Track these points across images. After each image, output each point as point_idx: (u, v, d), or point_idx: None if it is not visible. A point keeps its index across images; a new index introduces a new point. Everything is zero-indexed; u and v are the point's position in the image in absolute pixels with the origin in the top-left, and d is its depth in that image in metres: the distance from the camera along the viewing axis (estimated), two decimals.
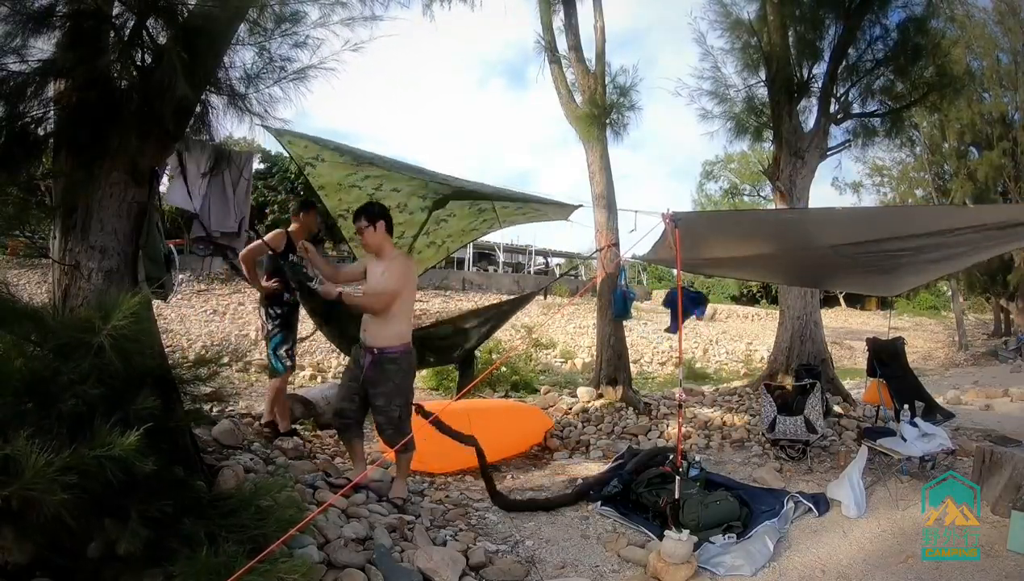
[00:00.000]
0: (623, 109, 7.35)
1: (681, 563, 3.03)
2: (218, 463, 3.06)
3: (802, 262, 4.98)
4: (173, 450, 2.31)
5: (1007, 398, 9.05)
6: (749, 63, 8.59)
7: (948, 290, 23.84)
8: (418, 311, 17.40)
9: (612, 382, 6.83)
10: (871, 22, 7.95)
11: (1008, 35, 16.85)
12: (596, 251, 7.22)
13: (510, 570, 3.03)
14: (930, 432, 4.48)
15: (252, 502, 2.13)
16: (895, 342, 5.90)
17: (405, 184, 4.10)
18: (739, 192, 31.94)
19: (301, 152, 3.72)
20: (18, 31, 2.21)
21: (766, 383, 6.05)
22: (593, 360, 8.57)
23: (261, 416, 4.67)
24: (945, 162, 20.45)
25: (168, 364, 2.55)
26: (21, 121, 2.37)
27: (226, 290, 16.94)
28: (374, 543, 2.86)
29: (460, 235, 5.05)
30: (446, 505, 3.99)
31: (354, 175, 3.92)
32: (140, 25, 2.36)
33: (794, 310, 7.78)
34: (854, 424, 5.90)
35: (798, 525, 3.72)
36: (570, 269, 22.20)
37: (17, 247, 12.02)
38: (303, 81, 2.70)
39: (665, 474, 4.01)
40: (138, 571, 1.87)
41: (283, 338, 4.34)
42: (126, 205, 2.52)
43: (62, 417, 1.83)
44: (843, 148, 8.68)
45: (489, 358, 9.95)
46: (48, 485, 1.59)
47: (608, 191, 7.03)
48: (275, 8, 2.58)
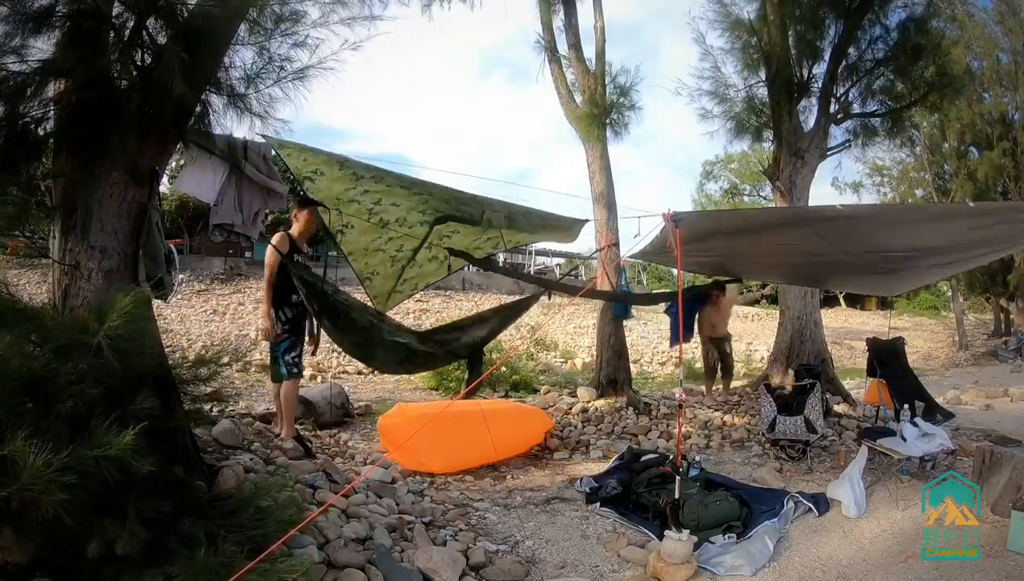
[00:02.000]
0: (623, 109, 7.36)
1: (681, 563, 3.03)
2: (218, 463, 3.06)
3: (803, 262, 4.98)
4: (173, 450, 2.31)
5: (1007, 398, 9.05)
6: (749, 63, 8.59)
7: (948, 290, 23.84)
8: (418, 311, 17.43)
9: (612, 382, 6.83)
10: (871, 22, 7.96)
11: (1008, 35, 16.86)
12: (596, 251, 7.22)
13: (510, 570, 3.03)
14: (930, 432, 4.48)
15: (252, 502, 2.13)
16: (895, 342, 5.90)
17: (404, 199, 4.08)
18: (739, 192, 31.92)
19: (300, 165, 3.69)
20: (18, 31, 2.21)
21: (766, 383, 6.05)
22: (593, 360, 8.57)
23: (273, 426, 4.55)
24: (945, 162, 20.47)
25: (168, 364, 2.55)
26: (21, 121, 2.38)
27: (226, 290, 16.95)
28: (374, 543, 2.86)
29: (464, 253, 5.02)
30: (446, 505, 3.99)
31: (353, 189, 3.91)
32: (140, 25, 2.36)
33: (794, 310, 7.78)
34: (854, 424, 5.90)
35: (798, 525, 3.72)
36: (570, 269, 22.19)
37: (17, 247, 12.03)
38: (302, 81, 2.70)
39: (665, 474, 4.00)
40: (138, 571, 1.87)
41: (292, 343, 4.21)
42: (126, 205, 2.52)
43: (61, 417, 1.83)
44: (843, 148, 8.70)
45: (489, 358, 9.95)
46: (46, 486, 1.59)
47: (608, 191, 7.03)
48: (275, 8, 2.58)
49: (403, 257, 4.66)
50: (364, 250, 4.48)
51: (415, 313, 17.03)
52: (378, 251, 4.54)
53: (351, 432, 6.16)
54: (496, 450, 4.94)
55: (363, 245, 4.44)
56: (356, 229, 4.31)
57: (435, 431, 4.63)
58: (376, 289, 4.82)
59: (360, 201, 4.06)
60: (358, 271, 4.62)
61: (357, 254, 4.49)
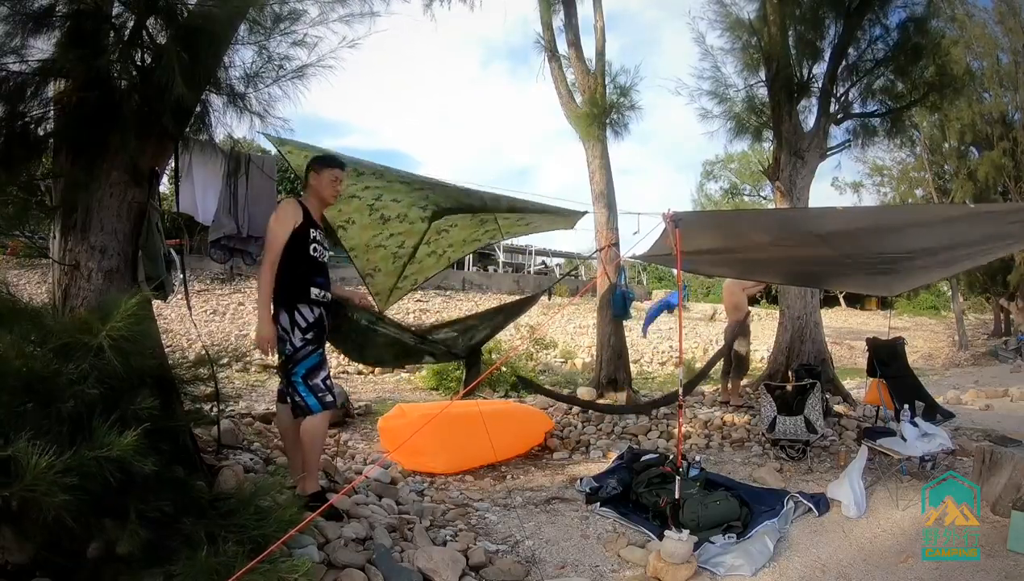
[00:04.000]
0: (623, 109, 7.36)
1: (681, 563, 3.03)
2: (218, 463, 3.06)
3: (802, 262, 4.98)
4: (173, 450, 2.31)
5: (1007, 398, 9.05)
6: (749, 63, 8.59)
7: (948, 290, 23.84)
8: (418, 311, 17.42)
9: (612, 382, 6.84)
10: (871, 22, 7.96)
11: (1008, 35, 16.84)
12: (596, 251, 7.22)
13: (510, 570, 3.03)
14: (930, 432, 4.48)
15: (252, 502, 2.13)
16: (895, 342, 5.90)
17: (405, 195, 4.10)
18: (739, 192, 31.95)
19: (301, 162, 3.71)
20: (18, 31, 2.21)
21: (766, 383, 6.05)
22: (593, 360, 8.57)
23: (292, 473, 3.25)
24: (945, 162, 20.46)
25: (168, 364, 2.55)
26: (21, 121, 2.38)
27: (226, 290, 16.95)
28: (374, 543, 2.85)
29: (461, 245, 5.03)
30: (446, 505, 3.99)
31: (354, 185, 3.92)
32: (140, 25, 2.36)
33: (794, 310, 7.78)
34: (854, 424, 5.90)
35: (798, 525, 3.72)
36: (570, 270, 22.18)
37: (17, 247, 12.01)
38: (301, 79, 2.71)
39: (665, 474, 4.00)
40: (138, 571, 1.86)
41: (319, 359, 2.97)
42: (126, 205, 2.52)
43: (62, 418, 1.83)
44: (843, 148, 8.70)
45: (489, 358, 9.95)
46: (49, 487, 1.59)
47: (608, 190, 7.04)
48: (274, 7, 2.58)
49: (404, 253, 4.66)
50: (365, 246, 4.47)
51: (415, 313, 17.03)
52: (379, 247, 4.54)
53: (351, 432, 6.17)
54: (497, 451, 4.94)
55: (364, 241, 4.43)
56: (357, 225, 4.29)
57: (436, 432, 4.63)
58: (377, 286, 4.82)
59: (361, 197, 4.06)
60: (360, 268, 4.61)
61: (359, 250, 4.48)
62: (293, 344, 2.91)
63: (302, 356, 2.91)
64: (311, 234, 2.99)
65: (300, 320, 2.91)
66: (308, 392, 2.90)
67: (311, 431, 2.94)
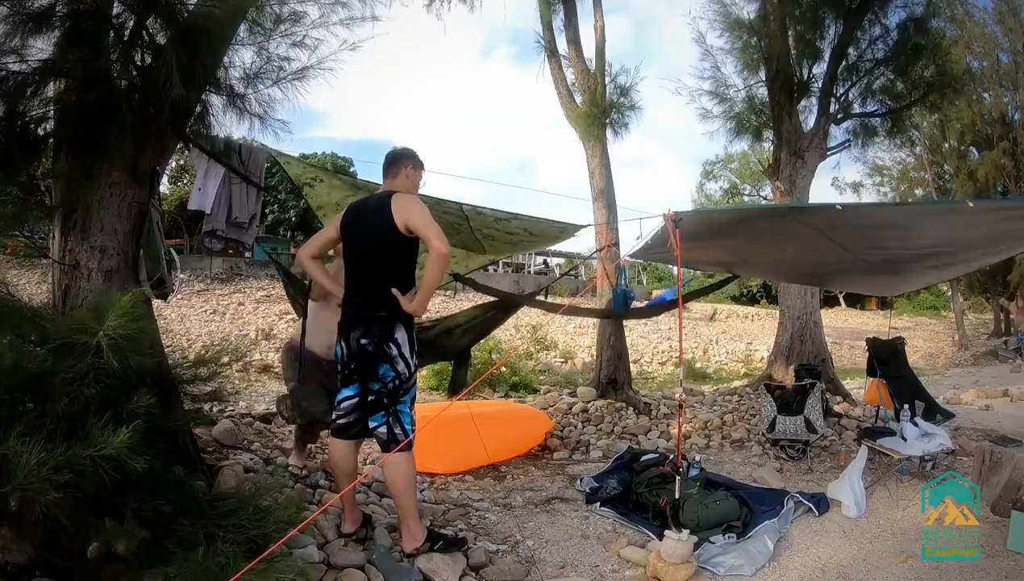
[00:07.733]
0: (623, 109, 7.36)
1: (681, 563, 3.03)
2: (218, 463, 3.06)
3: (804, 260, 4.98)
4: (172, 450, 2.31)
5: (1007, 398, 9.05)
6: (749, 63, 8.60)
7: (948, 290, 23.84)
8: None
9: (612, 382, 6.84)
10: (871, 22, 7.97)
11: (1008, 35, 16.87)
12: (596, 251, 7.22)
13: (510, 570, 3.03)
14: (930, 432, 4.48)
15: (252, 502, 2.13)
16: (895, 342, 5.89)
17: None
18: (739, 192, 31.91)
19: (299, 172, 3.72)
20: (18, 31, 2.21)
21: (766, 383, 6.05)
22: (593, 360, 8.57)
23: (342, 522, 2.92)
24: (945, 162, 20.49)
25: (168, 364, 2.55)
26: (21, 121, 2.37)
27: (226, 290, 16.94)
28: (374, 543, 2.85)
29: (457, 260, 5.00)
30: (446, 505, 3.99)
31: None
32: (140, 25, 2.36)
33: (794, 310, 7.78)
34: (854, 424, 5.90)
35: (798, 525, 3.72)
36: (570, 269, 22.21)
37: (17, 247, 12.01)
38: (301, 81, 2.70)
39: (665, 474, 4.00)
40: (137, 571, 1.86)
41: (415, 387, 2.69)
42: (126, 205, 2.52)
43: (58, 417, 1.83)
44: (843, 148, 8.70)
45: (489, 358, 9.96)
46: (40, 484, 1.59)
47: (608, 190, 7.04)
48: (274, 8, 2.58)
49: None
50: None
51: None
52: None
53: None
54: (497, 451, 4.94)
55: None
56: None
57: (437, 432, 4.63)
58: None
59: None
60: None
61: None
62: (409, 368, 2.52)
63: (414, 382, 2.59)
64: None
65: (414, 338, 2.55)
66: (412, 423, 2.57)
67: (406, 472, 2.59)
